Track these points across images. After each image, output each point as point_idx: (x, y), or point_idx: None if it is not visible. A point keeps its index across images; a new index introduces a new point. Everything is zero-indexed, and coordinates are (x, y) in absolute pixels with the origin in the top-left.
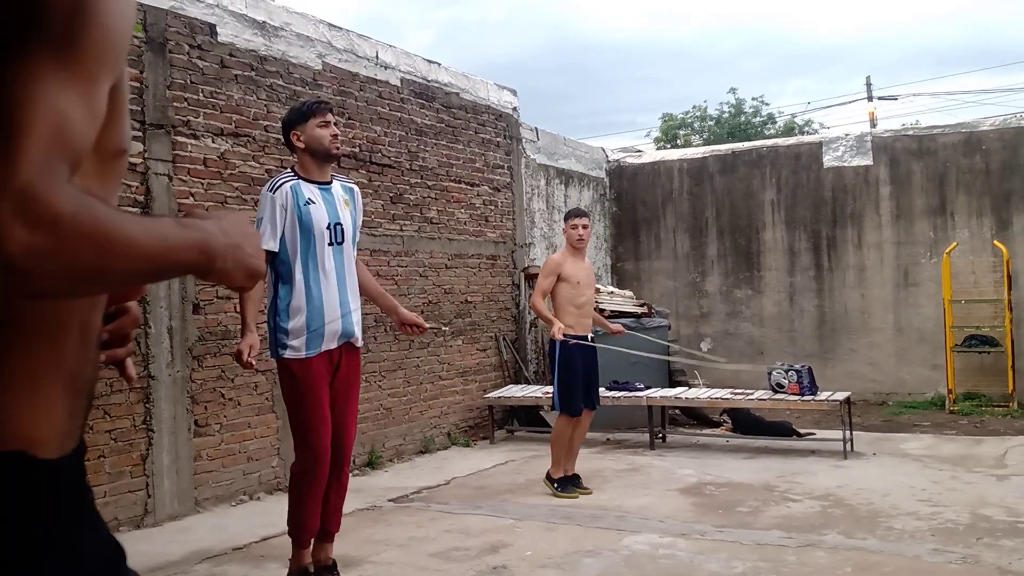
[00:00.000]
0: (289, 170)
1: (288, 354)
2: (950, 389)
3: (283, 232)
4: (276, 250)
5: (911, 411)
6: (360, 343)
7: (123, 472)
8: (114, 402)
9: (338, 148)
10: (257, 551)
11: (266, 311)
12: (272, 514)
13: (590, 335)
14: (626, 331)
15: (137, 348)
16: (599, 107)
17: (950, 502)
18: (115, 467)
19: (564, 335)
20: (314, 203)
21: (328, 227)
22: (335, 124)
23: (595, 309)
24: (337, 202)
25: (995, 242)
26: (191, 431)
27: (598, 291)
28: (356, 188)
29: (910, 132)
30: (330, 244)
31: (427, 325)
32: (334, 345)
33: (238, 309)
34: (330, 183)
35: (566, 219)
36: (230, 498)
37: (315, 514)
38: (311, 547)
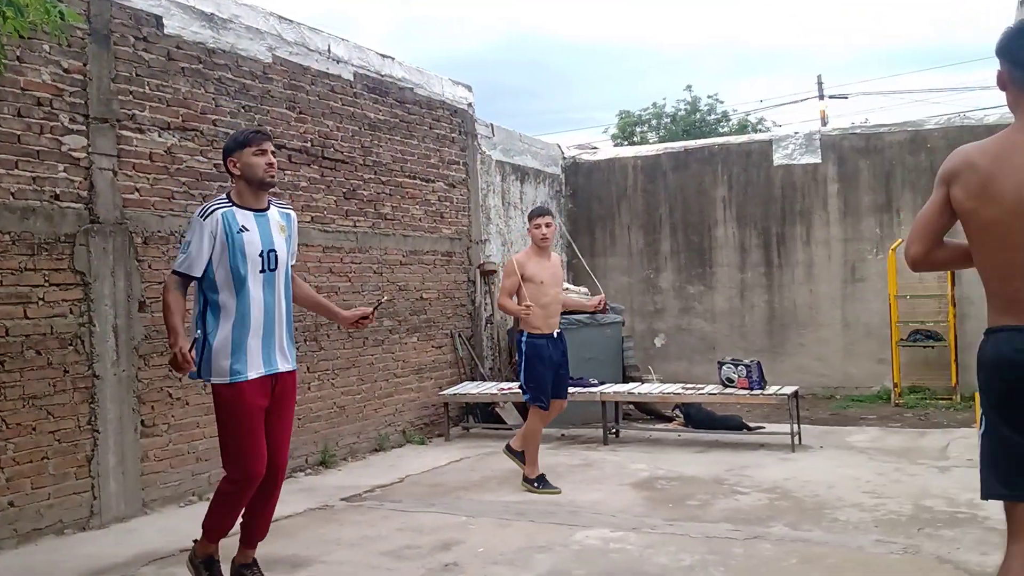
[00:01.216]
0: (224, 196)
1: (218, 380)
2: (895, 383)
3: (212, 258)
4: (198, 276)
5: (858, 404)
6: (294, 366)
7: (68, 474)
8: (57, 402)
9: (272, 177)
10: None
11: (197, 337)
12: None
13: (555, 332)
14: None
15: (81, 347)
16: (559, 104)
17: (894, 493)
18: (59, 468)
19: (530, 334)
20: (248, 230)
21: (261, 254)
22: (272, 153)
23: None
24: (272, 228)
25: None
26: (137, 431)
27: None
28: (293, 214)
29: (857, 130)
30: (262, 271)
31: (371, 310)
32: (266, 371)
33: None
34: (266, 209)
35: (529, 219)
36: (178, 499)
37: (232, 524)
38: (219, 544)
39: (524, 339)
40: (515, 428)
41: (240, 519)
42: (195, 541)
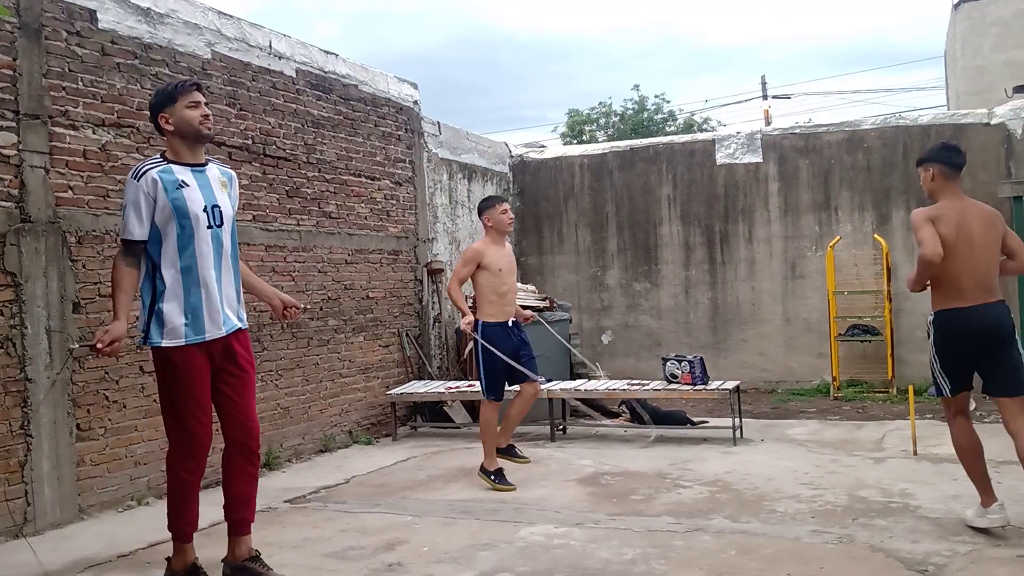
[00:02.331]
0: (158, 155)
1: (164, 342)
2: (834, 376)
3: (152, 219)
4: (142, 238)
5: (798, 398)
6: (244, 324)
7: None
8: None
9: (209, 128)
10: (144, 558)
11: (140, 299)
12: (161, 519)
13: (510, 321)
14: (535, 317)
15: (13, 349)
16: (510, 101)
17: (830, 485)
18: None
19: (485, 322)
20: (187, 185)
21: (205, 209)
22: (204, 104)
23: None
24: (213, 184)
25: (875, 236)
26: (73, 435)
27: None
28: (233, 174)
29: (797, 130)
30: (208, 227)
31: (300, 311)
32: (219, 333)
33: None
34: (204, 165)
35: (491, 205)
36: (117, 504)
37: (196, 509)
38: (193, 541)
39: (480, 329)
40: (464, 427)
41: (223, 508)
42: (168, 559)
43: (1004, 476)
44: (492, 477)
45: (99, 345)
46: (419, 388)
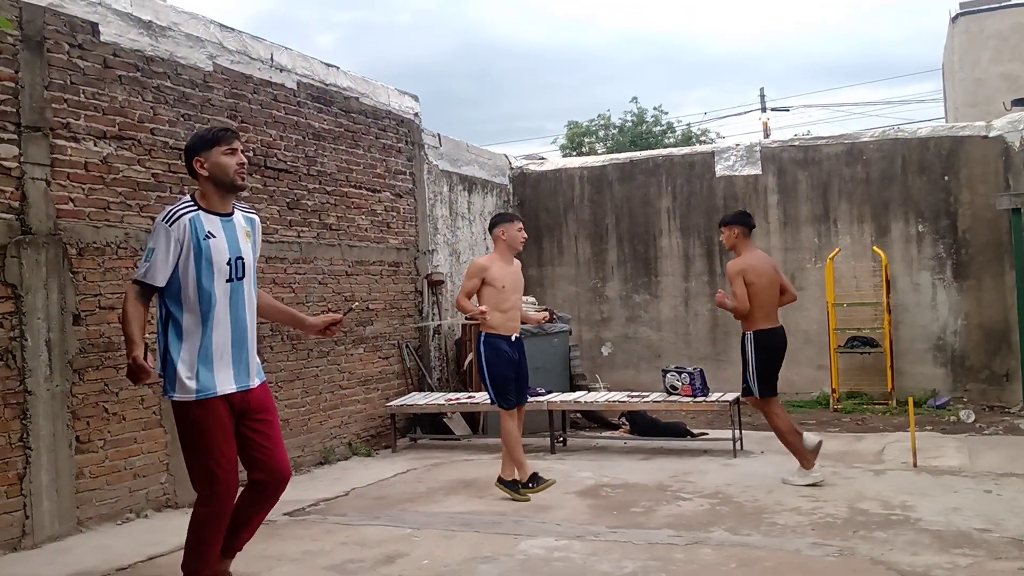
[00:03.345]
0: (189, 198)
1: (180, 396)
2: (834, 388)
3: (177, 267)
4: (162, 285)
5: (798, 410)
6: (262, 378)
7: None
8: None
9: (243, 179)
10: (143, 571)
11: (158, 349)
12: (160, 532)
13: (514, 336)
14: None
15: (12, 361)
16: (507, 113)
17: (830, 497)
18: None
19: (488, 334)
20: (214, 237)
21: (229, 262)
22: (242, 152)
23: None
24: (239, 234)
25: (875, 248)
26: (72, 448)
27: None
28: (257, 219)
29: (796, 143)
30: (229, 280)
31: (340, 316)
32: (234, 386)
33: (121, 320)
34: (231, 214)
35: (508, 220)
36: (115, 517)
37: (217, 552)
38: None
39: (483, 339)
40: (463, 438)
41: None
42: None
43: (1004, 488)
44: (508, 486)
45: (143, 377)
46: (419, 400)
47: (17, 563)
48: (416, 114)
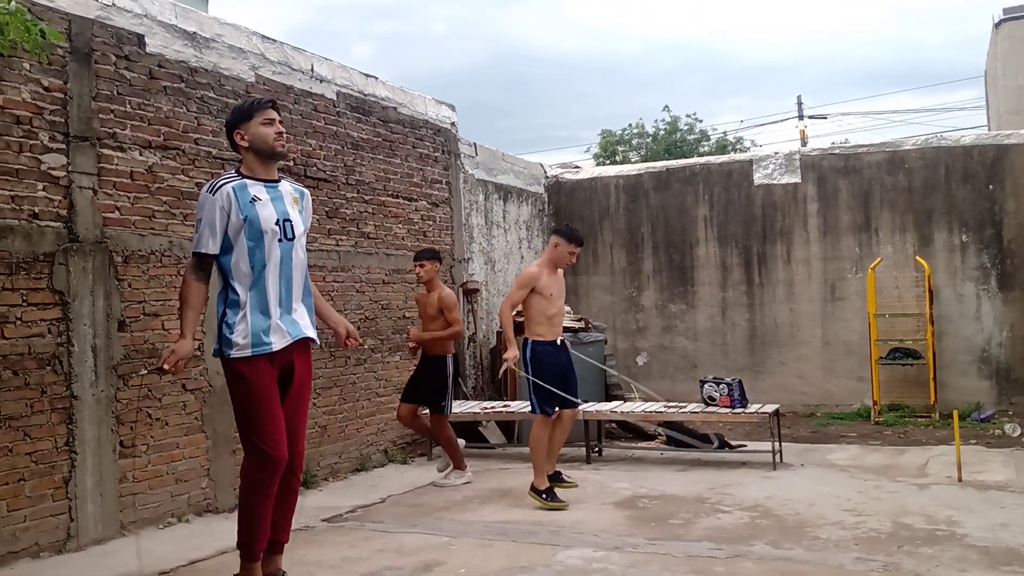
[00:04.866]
0: (233, 170)
1: (235, 353)
2: (875, 400)
3: (226, 233)
4: (215, 252)
5: (838, 422)
6: (316, 342)
7: (44, 496)
8: (35, 423)
9: (283, 146)
10: (185, 575)
11: (216, 312)
12: (201, 536)
13: (559, 340)
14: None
15: (59, 367)
16: (541, 122)
17: (874, 511)
18: (35, 491)
19: (535, 340)
20: (260, 200)
21: (277, 223)
22: (279, 122)
23: None
24: (286, 198)
25: (917, 258)
26: (116, 452)
27: None
28: (307, 192)
29: (837, 151)
30: (279, 240)
31: (357, 343)
32: (284, 344)
33: (165, 326)
34: (277, 181)
35: (565, 238)
36: (157, 521)
37: (267, 526)
38: (260, 560)
39: (529, 346)
40: (499, 447)
41: None
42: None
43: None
44: (544, 496)
45: (165, 366)
46: (454, 408)
47: (63, 565)
48: (453, 123)
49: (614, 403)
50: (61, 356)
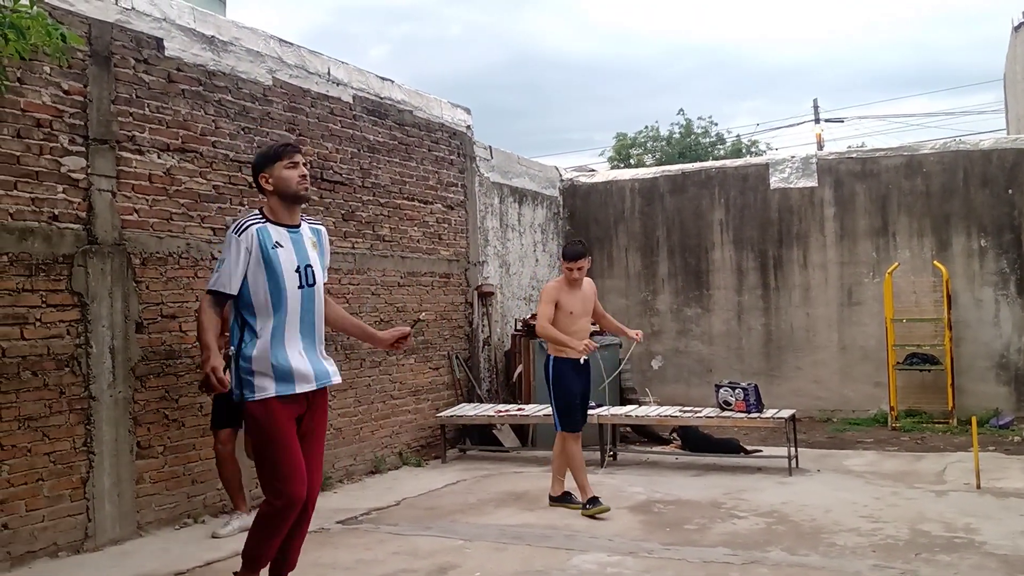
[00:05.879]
0: (257, 211)
1: (255, 396)
2: (892, 406)
3: (246, 275)
4: (233, 293)
5: (855, 428)
6: (336, 379)
7: (62, 496)
8: (53, 424)
9: (306, 190)
10: None
11: (231, 354)
12: (217, 538)
13: (583, 359)
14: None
15: (78, 368)
16: (555, 125)
17: (891, 518)
18: (54, 491)
19: (556, 357)
20: (282, 246)
21: (298, 270)
22: (304, 165)
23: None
24: (306, 244)
25: (935, 262)
26: (133, 453)
27: None
28: (323, 230)
29: (854, 155)
30: (299, 287)
31: (408, 329)
32: (303, 388)
33: (182, 328)
34: (299, 226)
35: (564, 255)
36: (174, 521)
37: (276, 548)
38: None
39: (551, 362)
40: (513, 450)
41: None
42: (235, 573)
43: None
44: (585, 505)
45: (218, 388)
46: (468, 411)
47: (81, 565)
48: (468, 127)
49: (628, 407)
50: (79, 357)
